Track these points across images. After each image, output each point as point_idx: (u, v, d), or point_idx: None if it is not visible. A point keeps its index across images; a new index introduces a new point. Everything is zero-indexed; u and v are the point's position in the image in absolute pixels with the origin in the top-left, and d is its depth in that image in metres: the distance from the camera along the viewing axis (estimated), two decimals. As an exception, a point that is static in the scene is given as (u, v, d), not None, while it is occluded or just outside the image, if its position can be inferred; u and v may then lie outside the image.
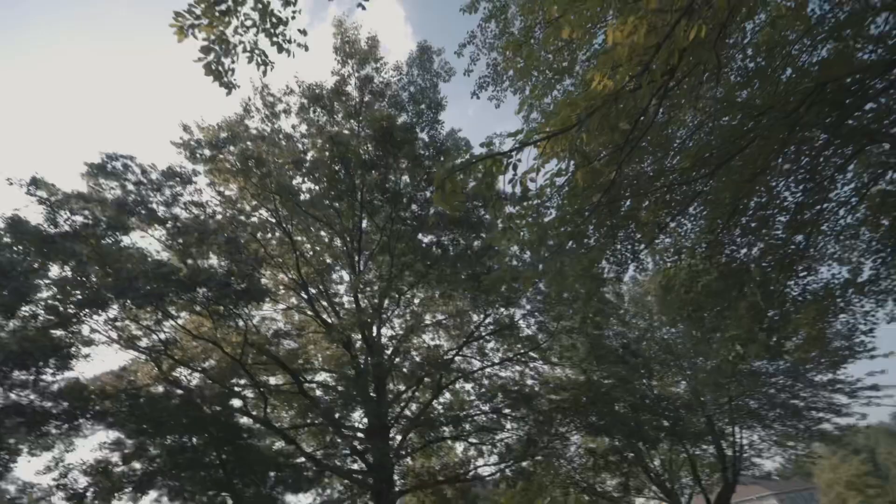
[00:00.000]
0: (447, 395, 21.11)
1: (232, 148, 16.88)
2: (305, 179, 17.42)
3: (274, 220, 17.63)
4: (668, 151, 8.95)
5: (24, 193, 16.53)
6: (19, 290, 16.55)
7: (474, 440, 20.43)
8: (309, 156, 17.37)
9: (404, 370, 18.52)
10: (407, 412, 19.49)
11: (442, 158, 16.65)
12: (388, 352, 18.53)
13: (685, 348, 20.18)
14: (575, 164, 5.98)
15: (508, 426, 20.14)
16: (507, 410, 19.29)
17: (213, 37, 5.54)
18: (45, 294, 16.96)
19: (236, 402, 18.59)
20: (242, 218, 17.36)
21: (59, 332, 17.41)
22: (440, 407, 20.69)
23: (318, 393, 18.85)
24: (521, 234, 7.52)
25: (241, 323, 18.00)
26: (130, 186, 17.44)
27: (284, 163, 16.96)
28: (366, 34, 16.50)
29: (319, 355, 20.06)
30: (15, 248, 16.92)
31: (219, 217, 16.98)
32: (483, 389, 19.53)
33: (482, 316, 19.57)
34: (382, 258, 18.55)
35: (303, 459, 18.85)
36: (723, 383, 18.69)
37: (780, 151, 7.94)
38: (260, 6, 5.57)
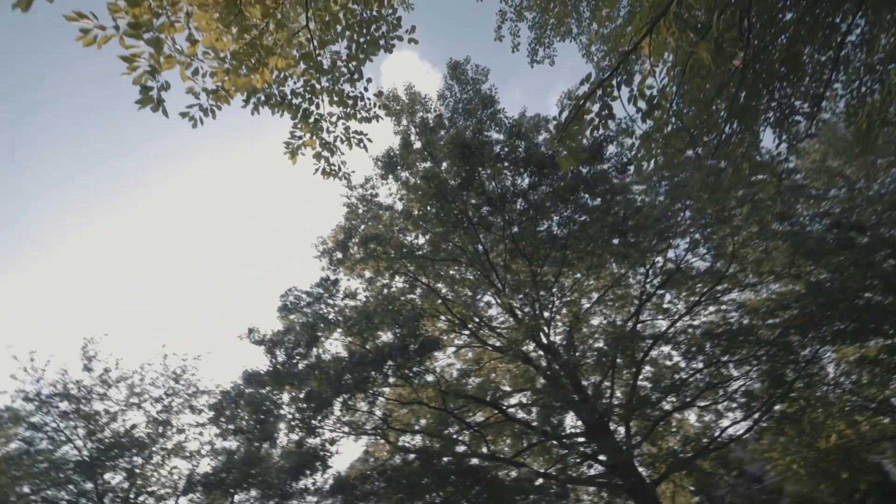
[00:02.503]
0: (648, 368, 14.98)
1: (355, 240, 14.59)
2: (419, 233, 14.27)
3: (412, 279, 14.59)
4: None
5: (248, 342, 15.83)
6: (270, 422, 15.68)
7: (704, 402, 13.78)
8: (413, 210, 14.27)
9: (590, 361, 13.29)
10: (615, 400, 13.88)
11: (522, 142, 12.36)
12: (567, 348, 13.56)
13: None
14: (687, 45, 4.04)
15: (735, 373, 13.22)
16: (724, 357, 12.62)
17: (316, 147, 5.42)
18: (286, 414, 15.80)
19: (459, 448, 14.97)
20: (386, 291, 14.65)
21: (312, 441, 15.94)
22: (647, 383, 14.58)
23: (521, 415, 14.39)
24: (658, 145, 4.75)
25: (429, 378, 14.88)
26: (307, 309, 15.85)
27: (396, 227, 14.09)
28: (402, 88, 13.53)
29: (504, 379, 15.76)
30: (256, 393, 16.09)
31: (370, 297, 14.46)
32: (684, 347, 13.18)
33: (643, 272, 13.70)
34: (516, 265, 14.15)
35: (541, 481, 14.18)
36: None
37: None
38: (336, 97, 5.22)
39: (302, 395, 15.16)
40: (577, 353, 13.71)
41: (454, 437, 14.91)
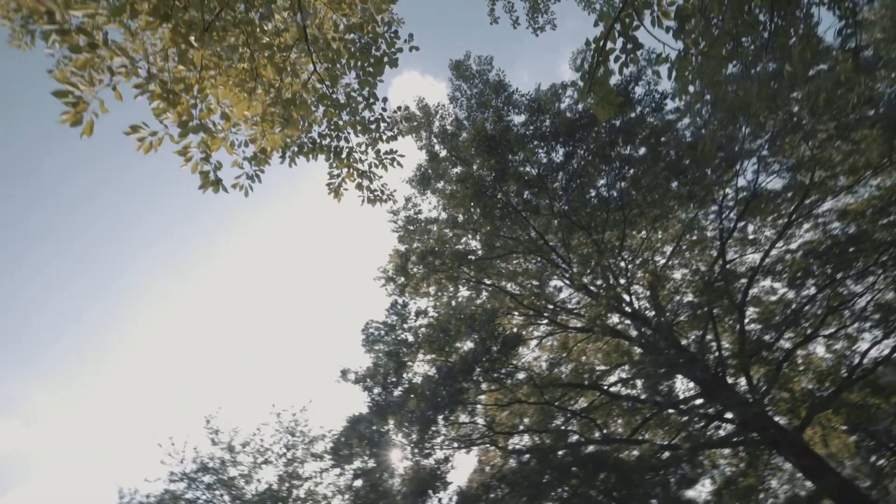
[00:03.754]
0: (751, 310, 13.35)
1: (412, 259, 14.58)
2: (469, 236, 13.94)
3: (475, 283, 14.24)
4: None
5: (345, 382, 16.22)
6: (384, 454, 16.00)
7: (829, 330, 11.97)
8: (458, 216, 14.01)
9: (684, 318, 12.09)
10: (725, 353, 12.48)
11: (545, 116, 11.72)
12: (655, 311, 12.47)
13: None
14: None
15: (857, 288, 11.37)
16: (838, 275, 10.92)
17: (355, 178, 5.57)
18: (396, 443, 15.95)
19: (571, 439, 14.21)
20: (454, 302, 14.42)
21: (426, 463, 15.95)
22: (755, 326, 12.97)
23: (626, 391, 13.37)
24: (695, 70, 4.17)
25: (520, 375, 14.35)
26: (387, 338, 16.02)
27: (446, 237, 13.89)
28: (414, 104, 13.39)
29: (597, 359, 14.78)
30: (364, 432, 16.39)
31: (441, 312, 14.31)
32: (787, 276, 11.58)
33: (715, 209, 12.33)
34: (576, 240, 13.33)
35: (667, 454, 13.04)
36: None
37: None
38: (359, 126, 5.26)
39: (405, 422, 15.24)
40: (668, 314, 12.53)
41: (562, 428, 14.18)
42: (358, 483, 16.86)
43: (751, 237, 13.13)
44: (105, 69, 3.43)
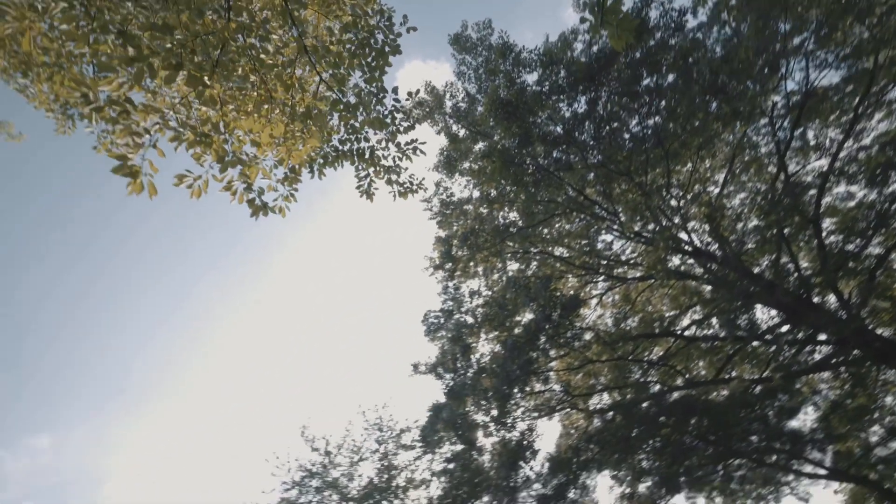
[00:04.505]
0: (828, 221, 12.04)
1: (455, 243, 14.50)
2: (506, 209, 13.59)
3: (522, 253, 13.92)
4: None
5: (412, 374, 16.58)
6: (470, 435, 16.30)
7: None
8: (490, 191, 13.68)
9: (752, 245, 11.15)
10: (806, 272, 11.40)
11: (559, 67, 11.07)
12: (719, 243, 11.61)
13: None
14: None
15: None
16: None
17: (382, 175, 5.57)
18: (479, 422, 16.19)
19: (653, 390, 13.71)
20: (505, 277, 14.20)
21: (511, 436, 16.08)
22: (835, 237, 11.69)
23: (702, 332, 12.62)
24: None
25: (587, 336, 13.97)
26: (447, 324, 16.10)
27: (483, 214, 13.65)
28: (423, 90, 13.08)
29: (664, 305, 14.02)
30: (446, 417, 16.68)
31: (494, 288, 14.19)
32: (864, 175, 10.29)
33: (766, 121, 11.16)
34: (618, 188, 12.62)
35: (759, 387, 12.26)
36: None
37: None
38: (376, 123, 5.22)
39: (482, 401, 15.37)
40: (733, 244, 11.60)
41: (641, 381, 13.70)
42: (450, 465, 17.30)
43: (812, 143, 11.79)
44: (142, 131, 3.57)
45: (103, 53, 3.24)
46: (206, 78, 3.58)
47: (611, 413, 15.26)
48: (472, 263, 14.37)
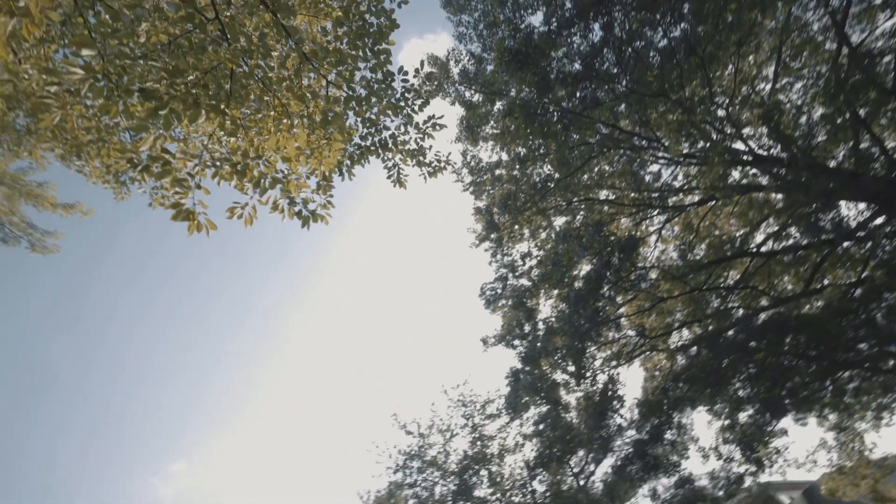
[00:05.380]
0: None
1: (494, 210, 14.20)
2: (539, 164, 12.98)
3: (565, 206, 13.31)
4: None
5: (483, 349, 16.62)
6: (553, 394, 16.18)
7: None
8: (519, 150, 13.12)
9: (822, 137, 9.82)
10: (893, 152, 9.87)
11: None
12: (782, 143, 10.38)
13: None
14: None
15: None
16: None
17: (408, 161, 5.61)
18: (559, 380, 16.03)
19: (737, 316, 12.75)
20: (553, 234, 13.70)
21: (594, 388, 15.82)
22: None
23: (780, 244, 11.43)
24: None
25: (653, 274, 13.19)
26: (505, 292, 15.88)
27: (516, 174, 13.17)
28: (426, 62, 12.63)
29: (731, 225, 12.81)
30: (525, 381, 16.64)
31: (544, 247, 13.78)
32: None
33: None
34: (654, 112, 11.59)
35: (860, 290, 10.98)
36: None
37: None
38: (389, 110, 5.22)
39: (558, 360, 15.14)
40: (799, 140, 10.28)
41: (722, 308, 12.76)
42: (539, 427, 17.33)
43: (878, 1, 10.03)
44: (185, 176, 3.71)
45: (132, 116, 3.36)
46: (224, 108, 3.64)
47: (694, 348, 14.43)
48: (516, 227, 13.97)
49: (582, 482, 17.48)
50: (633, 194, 12.98)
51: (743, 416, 13.45)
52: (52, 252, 8.63)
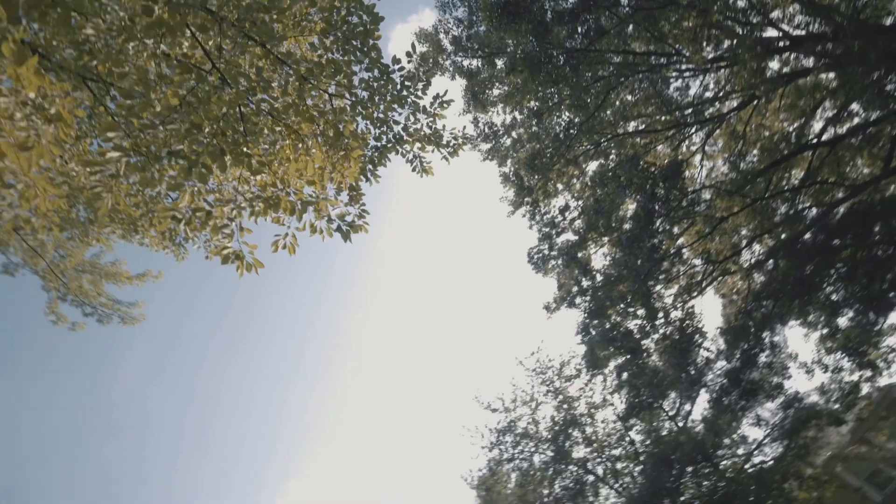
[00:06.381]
0: None
1: (521, 172, 13.99)
2: (558, 113, 12.56)
3: (594, 148, 12.84)
4: None
5: (548, 316, 16.59)
6: (629, 339, 16.01)
7: None
8: (532, 104, 12.75)
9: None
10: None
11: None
12: (821, 18, 9.42)
13: None
14: None
15: None
16: None
17: (426, 148, 5.68)
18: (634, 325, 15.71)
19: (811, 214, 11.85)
20: (590, 181, 13.27)
21: (672, 329, 15.42)
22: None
23: (842, 128, 10.40)
24: None
25: (705, 195, 12.51)
26: (552, 252, 15.66)
27: (537, 130, 12.88)
28: (415, 41, 12.47)
29: (782, 120, 11.76)
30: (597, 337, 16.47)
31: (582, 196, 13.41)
32: None
33: None
34: (667, 23, 10.86)
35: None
36: None
37: None
38: (395, 104, 5.30)
39: (625, 307, 14.86)
40: (842, 8, 9.25)
41: (791, 213, 11.91)
42: (623, 377, 17.17)
43: None
44: (226, 222, 4.05)
45: (167, 178, 3.72)
46: (244, 149, 3.91)
47: (770, 262, 13.63)
48: (549, 184, 13.71)
49: (680, 424, 17.20)
50: (663, 117, 12.29)
51: (842, 321, 12.62)
52: (139, 321, 9.72)
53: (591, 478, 17.63)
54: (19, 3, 2.39)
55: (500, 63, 11.89)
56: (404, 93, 5.30)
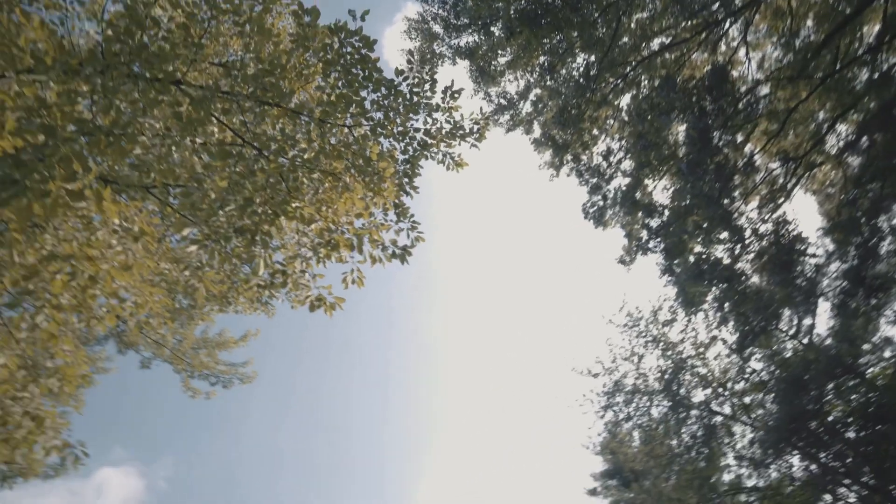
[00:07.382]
0: None
1: (553, 133, 13.63)
2: (569, 63, 12.05)
3: (621, 81, 12.13)
4: None
5: (626, 269, 16.07)
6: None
7: None
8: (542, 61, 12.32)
9: None
10: None
11: None
12: None
13: None
14: None
15: None
16: None
17: (453, 144, 5.84)
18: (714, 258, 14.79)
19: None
20: (626, 117, 12.63)
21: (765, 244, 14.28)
22: None
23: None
24: None
25: (763, 90, 11.40)
26: (608, 201, 15.15)
27: (555, 86, 12.44)
28: (405, 32, 12.52)
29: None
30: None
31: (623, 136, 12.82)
32: None
33: None
34: None
35: None
36: None
37: None
38: (411, 112, 5.52)
39: (708, 235, 14.02)
40: None
41: (876, 77, 10.51)
42: (725, 308, 16.21)
43: None
44: (299, 274, 4.53)
45: (240, 255, 4.21)
46: (294, 205, 4.33)
47: (864, 139, 12.11)
48: (584, 134, 13.22)
49: (805, 341, 15.94)
50: (689, 22, 11.35)
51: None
52: (253, 378, 11.12)
53: (718, 418, 16.90)
54: (82, 151, 2.89)
55: (496, 31, 11.66)
56: (415, 100, 5.44)
